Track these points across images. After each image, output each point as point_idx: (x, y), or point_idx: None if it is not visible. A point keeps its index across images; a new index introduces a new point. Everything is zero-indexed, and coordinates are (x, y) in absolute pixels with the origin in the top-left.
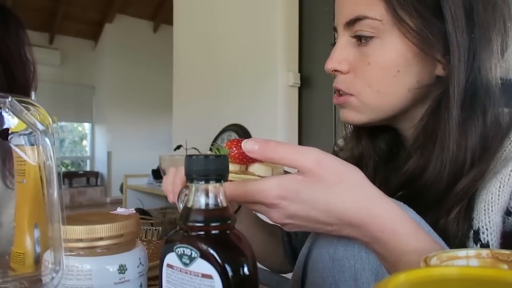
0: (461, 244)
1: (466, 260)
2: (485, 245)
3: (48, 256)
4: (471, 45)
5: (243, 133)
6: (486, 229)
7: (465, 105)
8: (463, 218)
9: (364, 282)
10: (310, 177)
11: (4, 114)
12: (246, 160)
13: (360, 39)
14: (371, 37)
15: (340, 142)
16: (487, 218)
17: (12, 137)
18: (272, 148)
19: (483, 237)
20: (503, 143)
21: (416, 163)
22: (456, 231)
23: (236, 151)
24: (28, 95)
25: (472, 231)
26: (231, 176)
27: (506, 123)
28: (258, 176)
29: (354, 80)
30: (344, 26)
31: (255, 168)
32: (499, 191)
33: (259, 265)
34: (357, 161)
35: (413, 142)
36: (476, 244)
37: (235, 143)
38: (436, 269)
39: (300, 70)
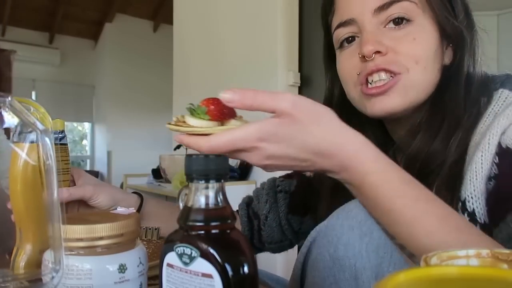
0: None
1: (466, 259)
2: (471, 213)
3: (48, 256)
4: (472, 39)
5: None
6: (471, 197)
7: (467, 90)
8: (452, 191)
9: (364, 281)
10: (286, 118)
11: (4, 113)
12: (223, 117)
13: (399, 22)
14: (408, 20)
15: None
16: (472, 187)
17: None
18: (251, 96)
19: (468, 205)
20: (482, 118)
21: (421, 138)
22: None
23: (213, 108)
24: None
25: (460, 203)
26: (213, 129)
27: (484, 102)
28: None
29: (398, 58)
30: (375, 11)
31: (231, 124)
32: (481, 159)
33: (258, 265)
34: (335, 181)
35: (417, 125)
36: (464, 214)
37: (211, 101)
38: (436, 268)
39: (300, 70)
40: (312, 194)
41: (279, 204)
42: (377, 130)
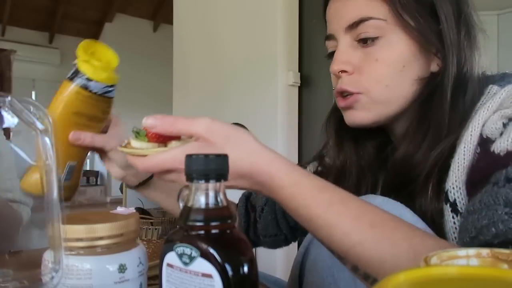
0: (439, 211)
1: (466, 259)
2: (453, 204)
3: (48, 256)
4: (460, 43)
5: None
6: (453, 188)
7: (454, 93)
8: (437, 186)
9: None
10: (203, 141)
11: (4, 113)
12: (163, 139)
13: (365, 41)
14: (376, 37)
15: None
16: (454, 177)
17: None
18: (170, 122)
19: (450, 195)
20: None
21: (408, 145)
22: (433, 198)
23: (152, 132)
24: None
25: (444, 194)
26: (147, 151)
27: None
28: None
29: (360, 79)
30: (346, 29)
31: (171, 145)
32: (463, 151)
33: (258, 266)
34: (339, 171)
35: (405, 130)
36: (446, 204)
37: None
38: (436, 268)
39: (300, 70)
40: None
41: None
42: (379, 128)
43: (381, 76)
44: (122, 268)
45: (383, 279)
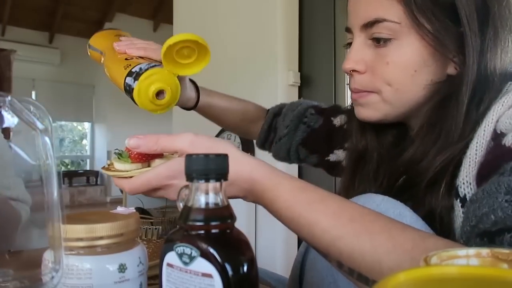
0: (448, 208)
1: (466, 259)
2: (462, 199)
3: (48, 255)
4: (482, 47)
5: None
6: (463, 183)
7: (471, 100)
8: (449, 182)
9: None
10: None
11: (4, 113)
12: (146, 159)
13: (378, 41)
14: (389, 39)
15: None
16: (465, 173)
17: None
18: (154, 141)
19: (460, 191)
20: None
21: (416, 149)
22: (444, 194)
23: (135, 152)
24: None
25: (455, 189)
26: (132, 173)
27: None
28: None
29: (372, 79)
30: (361, 27)
31: (156, 163)
32: (476, 146)
33: (259, 264)
34: (360, 155)
35: (416, 131)
36: (456, 199)
37: None
38: (436, 268)
39: (300, 69)
40: (327, 141)
41: (296, 134)
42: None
43: (392, 79)
44: (122, 268)
45: (383, 279)
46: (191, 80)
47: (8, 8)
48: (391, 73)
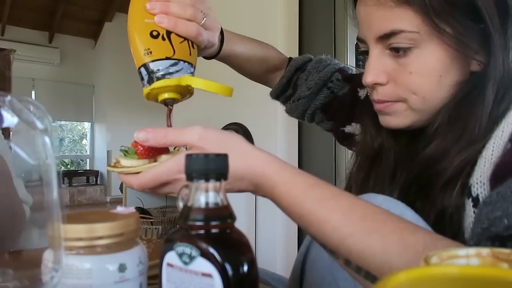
0: (459, 207)
1: (467, 259)
2: (475, 199)
3: (48, 255)
4: (506, 44)
5: (243, 131)
6: (477, 183)
7: (495, 99)
8: (463, 184)
9: None
10: (197, 149)
11: (4, 113)
12: (153, 154)
13: (397, 51)
14: (409, 48)
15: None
16: (479, 172)
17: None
18: (162, 134)
19: (473, 190)
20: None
21: (436, 147)
22: (457, 193)
23: (141, 148)
24: None
25: (467, 188)
26: (140, 168)
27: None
28: None
29: (396, 90)
30: (377, 39)
31: (163, 158)
32: (493, 146)
33: (259, 264)
34: (376, 152)
35: (436, 128)
36: (468, 199)
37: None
38: (436, 268)
39: None
40: (348, 112)
41: (318, 97)
42: None
43: (417, 88)
44: (122, 268)
45: (383, 279)
46: None
47: (8, 8)
48: (416, 82)
